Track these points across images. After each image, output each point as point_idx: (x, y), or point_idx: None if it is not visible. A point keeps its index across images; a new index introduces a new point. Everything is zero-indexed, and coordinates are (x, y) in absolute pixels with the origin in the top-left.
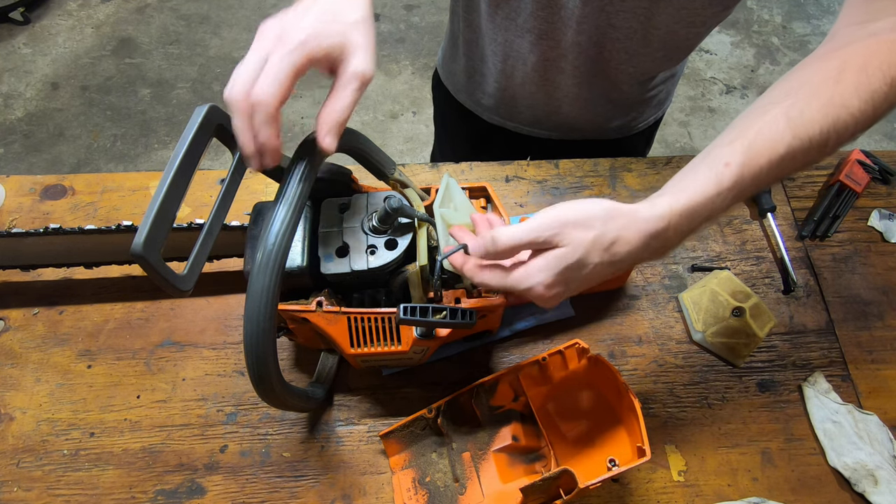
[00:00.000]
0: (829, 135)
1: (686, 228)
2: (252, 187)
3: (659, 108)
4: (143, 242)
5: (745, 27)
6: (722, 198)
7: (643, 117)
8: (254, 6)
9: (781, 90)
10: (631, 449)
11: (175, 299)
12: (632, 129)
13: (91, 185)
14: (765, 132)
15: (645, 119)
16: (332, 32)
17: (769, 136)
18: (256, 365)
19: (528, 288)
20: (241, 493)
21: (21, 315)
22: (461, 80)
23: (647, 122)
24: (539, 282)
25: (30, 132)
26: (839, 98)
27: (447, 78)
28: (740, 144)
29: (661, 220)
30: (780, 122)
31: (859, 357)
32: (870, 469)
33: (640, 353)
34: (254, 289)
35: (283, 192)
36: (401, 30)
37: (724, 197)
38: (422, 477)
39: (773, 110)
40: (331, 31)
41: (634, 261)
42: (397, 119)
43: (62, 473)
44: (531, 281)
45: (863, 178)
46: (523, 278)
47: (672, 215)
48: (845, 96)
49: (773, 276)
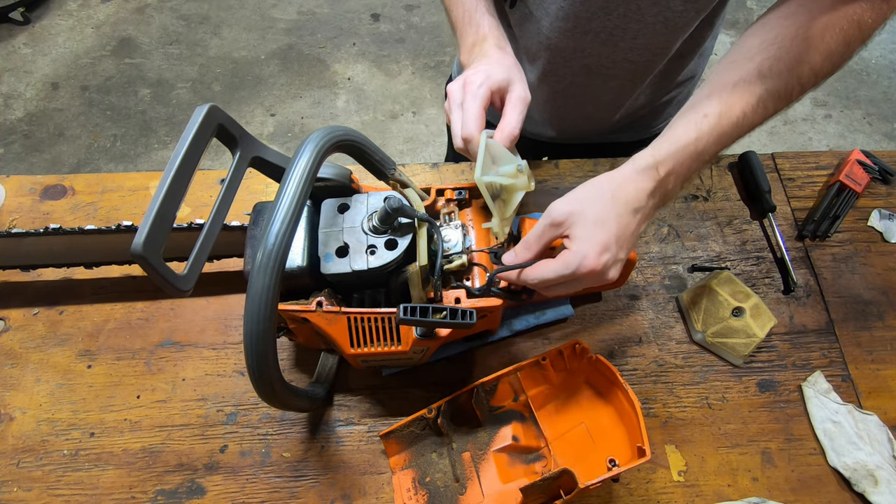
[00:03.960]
0: (793, 87)
1: (675, 169)
2: (252, 187)
3: (678, 108)
4: (143, 242)
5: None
6: (703, 142)
7: (661, 118)
8: (254, 6)
9: (754, 45)
10: (631, 449)
11: (175, 299)
12: (650, 131)
13: (91, 185)
14: (740, 86)
15: (665, 119)
16: (499, 72)
17: (744, 89)
18: (256, 365)
19: (581, 260)
20: (241, 493)
21: (21, 315)
22: None
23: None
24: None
25: (30, 132)
26: (805, 55)
27: None
28: (717, 98)
29: (647, 170)
30: (754, 76)
31: (859, 357)
32: (870, 469)
33: (640, 353)
34: (254, 289)
35: (283, 192)
36: (401, 30)
37: (706, 141)
38: (422, 477)
39: (747, 65)
40: (499, 72)
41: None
42: (397, 119)
43: (62, 473)
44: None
45: (863, 178)
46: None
47: (657, 163)
48: (809, 53)
49: (773, 276)
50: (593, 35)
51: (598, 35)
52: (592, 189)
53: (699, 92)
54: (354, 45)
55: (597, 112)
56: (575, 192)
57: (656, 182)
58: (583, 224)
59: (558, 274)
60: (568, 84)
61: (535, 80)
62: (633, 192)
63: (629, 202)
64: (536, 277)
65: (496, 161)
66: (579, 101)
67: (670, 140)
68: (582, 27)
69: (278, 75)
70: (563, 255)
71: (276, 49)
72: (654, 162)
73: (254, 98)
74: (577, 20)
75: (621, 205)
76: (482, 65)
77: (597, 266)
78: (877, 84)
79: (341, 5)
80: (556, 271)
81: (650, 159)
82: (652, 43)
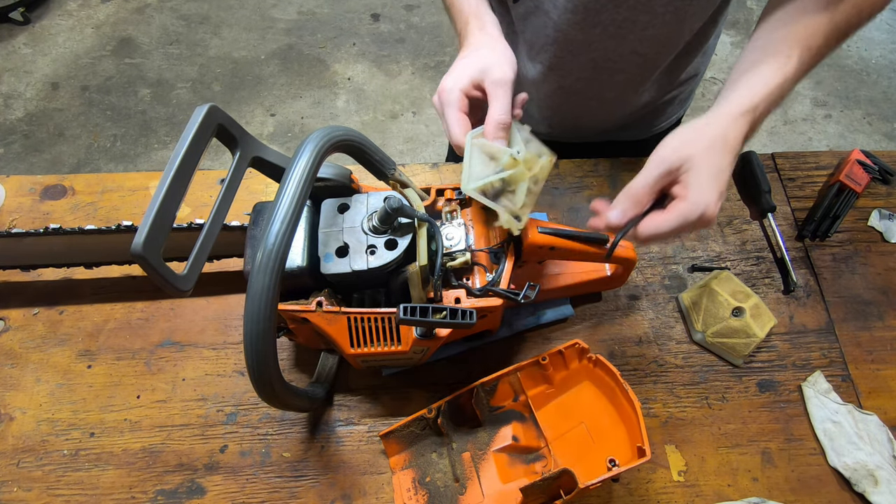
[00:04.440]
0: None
1: (766, 110)
2: (252, 187)
3: (681, 107)
4: (143, 242)
5: (746, 27)
6: (789, 83)
7: (664, 118)
8: (254, 6)
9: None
10: (631, 449)
11: (175, 299)
12: (652, 130)
13: (91, 185)
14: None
15: (667, 118)
16: (472, 63)
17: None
18: (256, 365)
19: (703, 210)
20: (241, 493)
21: (21, 315)
22: None
23: (669, 122)
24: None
25: (30, 132)
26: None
27: None
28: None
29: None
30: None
31: (859, 357)
32: (870, 469)
33: (640, 353)
34: (254, 289)
35: (283, 192)
36: (401, 30)
37: (792, 82)
38: (422, 477)
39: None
40: (471, 63)
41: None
42: (397, 119)
43: (62, 473)
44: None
45: (863, 178)
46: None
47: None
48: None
49: (773, 276)
50: (602, 28)
51: (606, 28)
52: (702, 134)
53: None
54: (354, 45)
55: (601, 109)
56: (681, 137)
57: (751, 125)
58: (698, 172)
59: (676, 227)
60: (574, 79)
61: (538, 75)
62: (735, 137)
63: (735, 148)
64: (650, 233)
65: (494, 157)
66: (584, 98)
67: (761, 83)
68: (591, 19)
69: (278, 75)
70: (679, 206)
71: (276, 49)
72: (752, 105)
73: (254, 98)
74: (587, 12)
75: (730, 152)
76: (459, 61)
77: (714, 215)
78: (877, 84)
79: (341, 5)
80: (673, 224)
81: (748, 103)
82: (661, 35)
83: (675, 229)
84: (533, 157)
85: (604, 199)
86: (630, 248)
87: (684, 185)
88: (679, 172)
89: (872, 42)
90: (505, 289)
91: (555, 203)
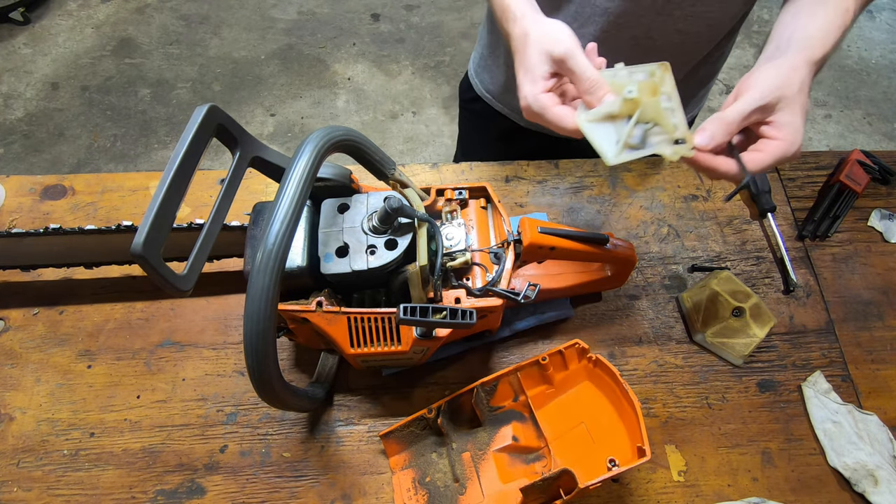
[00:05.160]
0: None
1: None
2: (252, 187)
3: (694, 108)
4: (143, 242)
5: (746, 27)
6: (845, 34)
7: None
8: (254, 6)
9: None
10: (631, 449)
11: (175, 299)
12: None
13: (91, 185)
14: None
15: None
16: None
17: None
18: (256, 365)
19: (798, 148)
20: (241, 493)
21: (21, 315)
22: (498, 87)
23: None
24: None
25: (30, 132)
26: None
27: (482, 83)
28: None
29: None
30: None
31: (859, 357)
32: (870, 469)
33: (640, 353)
34: (254, 289)
35: (283, 192)
36: (401, 30)
37: (847, 32)
38: (422, 477)
39: None
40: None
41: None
42: (397, 119)
43: (62, 473)
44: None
45: (863, 178)
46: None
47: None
48: None
49: (773, 276)
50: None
51: (656, 1)
52: (793, 78)
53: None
54: (354, 45)
55: None
56: (776, 77)
57: (816, 72)
58: (791, 111)
59: (773, 163)
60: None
61: None
62: (810, 83)
63: (808, 92)
64: (757, 168)
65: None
66: None
67: (826, 35)
68: None
69: (278, 75)
70: (777, 145)
71: (276, 49)
72: (822, 56)
73: (254, 98)
74: None
75: (807, 94)
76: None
77: (799, 154)
78: (877, 84)
79: (341, 5)
80: (773, 161)
81: (820, 53)
82: (707, 13)
83: (774, 165)
84: (646, 82)
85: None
86: (630, 247)
87: (778, 126)
88: (773, 111)
89: (872, 42)
90: (505, 289)
91: (555, 203)
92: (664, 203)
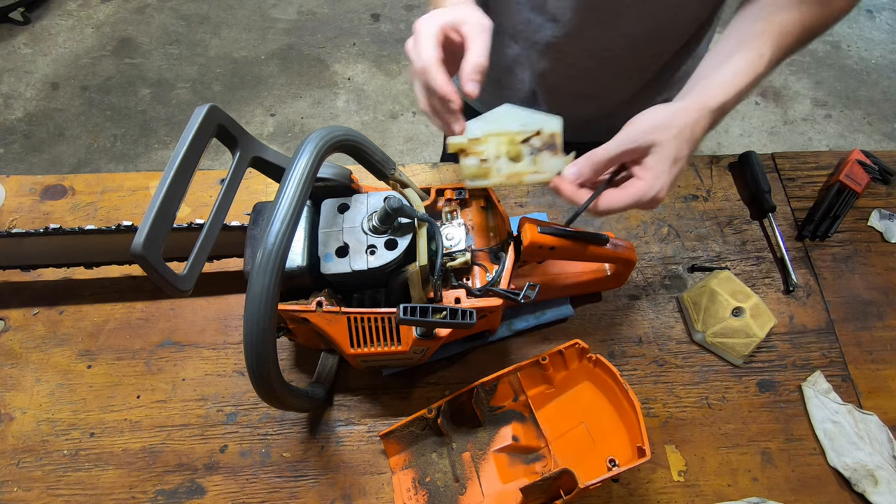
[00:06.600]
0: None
1: (730, 109)
2: (252, 187)
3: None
4: (143, 242)
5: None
6: (757, 82)
7: None
8: (254, 6)
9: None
10: (631, 449)
11: (175, 299)
12: None
13: (91, 185)
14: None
15: None
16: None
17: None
18: (256, 365)
19: (656, 194)
20: (241, 493)
21: (21, 315)
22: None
23: None
24: (663, 184)
25: (30, 132)
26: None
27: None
28: (769, 36)
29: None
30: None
31: (859, 357)
32: (870, 469)
33: (640, 353)
34: (254, 289)
35: (283, 192)
36: (401, 30)
37: (759, 81)
38: (422, 477)
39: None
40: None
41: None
42: (397, 119)
43: (62, 473)
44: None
45: (863, 178)
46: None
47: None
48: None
49: (773, 276)
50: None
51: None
52: (673, 121)
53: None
54: (354, 45)
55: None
56: (654, 119)
57: (716, 120)
58: (661, 157)
59: (629, 204)
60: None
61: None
62: (702, 129)
63: (697, 140)
64: (606, 207)
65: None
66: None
67: (735, 80)
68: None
69: (278, 75)
70: (635, 185)
71: (276, 49)
72: (724, 101)
73: (254, 98)
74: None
75: (693, 143)
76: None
77: (663, 199)
78: (877, 84)
79: (341, 5)
80: (627, 202)
81: (721, 99)
82: (656, 14)
83: (628, 206)
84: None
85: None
86: (630, 247)
87: (644, 168)
88: (643, 153)
89: (872, 42)
90: (505, 289)
91: (555, 203)
92: (664, 203)
